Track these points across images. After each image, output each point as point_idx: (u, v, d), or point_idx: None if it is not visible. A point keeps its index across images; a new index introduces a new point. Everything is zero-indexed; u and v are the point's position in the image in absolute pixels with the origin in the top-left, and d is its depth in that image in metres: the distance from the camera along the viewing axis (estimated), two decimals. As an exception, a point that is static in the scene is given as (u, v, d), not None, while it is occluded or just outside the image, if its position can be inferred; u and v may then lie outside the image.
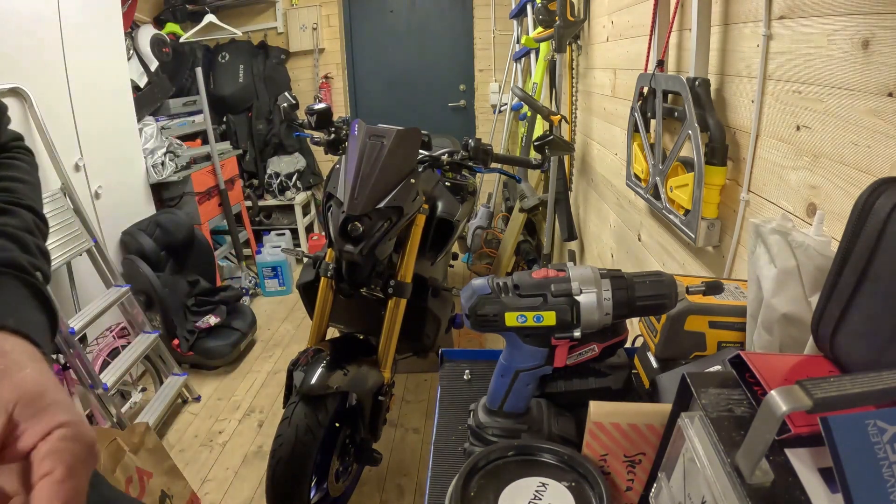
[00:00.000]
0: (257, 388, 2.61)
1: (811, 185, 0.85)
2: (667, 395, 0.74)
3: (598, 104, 2.27)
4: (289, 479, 1.42)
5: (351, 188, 1.46)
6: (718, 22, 1.15)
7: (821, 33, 0.81)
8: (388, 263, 1.65)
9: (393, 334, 1.61)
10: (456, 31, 4.21)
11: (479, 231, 3.51)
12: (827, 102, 0.80)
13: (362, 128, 1.53)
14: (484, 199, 3.94)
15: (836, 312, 0.53)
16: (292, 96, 1.77)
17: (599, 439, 0.63)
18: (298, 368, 1.49)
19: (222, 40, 3.99)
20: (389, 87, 4.39)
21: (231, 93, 3.87)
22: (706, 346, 0.77)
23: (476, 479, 0.60)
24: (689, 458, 0.47)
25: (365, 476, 2.01)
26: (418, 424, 2.31)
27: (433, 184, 1.79)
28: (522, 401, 0.72)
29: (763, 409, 0.37)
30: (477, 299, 0.66)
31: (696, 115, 1.12)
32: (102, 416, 1.91)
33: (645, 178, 1.51)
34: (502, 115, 3.93)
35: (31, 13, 2.06)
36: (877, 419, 0.36)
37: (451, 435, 0.82)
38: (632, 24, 1.76)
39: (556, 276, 0.66)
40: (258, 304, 3.49)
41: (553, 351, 0.68)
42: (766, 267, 0.66)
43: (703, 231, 1.16)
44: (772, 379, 0.47)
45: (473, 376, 0.96)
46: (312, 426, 1.45)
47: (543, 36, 2.65)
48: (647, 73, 1.44)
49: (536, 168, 1.82)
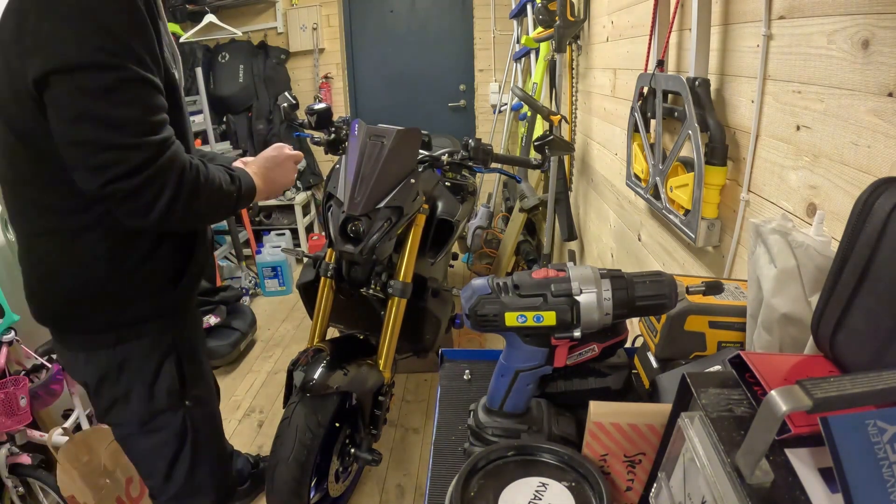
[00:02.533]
0: (257, 388, 2.61)
1: (811, 185, 0.85)
2: (667, 395, 0.74)
3: (598, 104, 2.27)
4: (289, 480, 1.42)
5: (351, 188, 1.46)
6: (718, 22, 1.15)
7: (821, 33, 0.81)
8: (388, 263, 1.65)
9: (393, 334, 1.61)
10: (456, 31, 4.21)
11: (479, 231, 3.51)
12: (827, 102, 0.80)
13: (362, 128, 1.53)
14: (484, 199, 3.94)
15: (836, 312, 0.53)
16: (292, 96, 1.77)
17: (599, 439, 0.63)
18: (298, 368, 1.49)
19: (222, 40, 3.99)
20: (389, 87, 4.38)
21: (231, 93, 3.87)
22: (706, 346, 0.77)
23: (476, 479, 0.60)
24: (689, 458, 0.47)
25: (365, 476, 2.01)
26: (418, 424, 2.31)
27: (433, 184, 1.79)
28: (522, 401, 0.72)
29: (763, 409, 0.37)
30: (477, 299, 0.66)
31: (696, 115, 1.12)
32: (102, 416, 1.91)
33: (645, 178, 1.51)
34: (502, 115, 3.93)
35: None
36: (877, 419, 0.36)
37: (451, 435, 0.82)
38: (632, 24, 1.76)
39: (556, 276, 0.66)
40: (258, 304, 3.49)
41: (553, 351, 0.68)
42: (766, 267, 0.66)
43: (703, 231, 1.16)
44: (772, 379, 0.47)
45: (473, 376, 0.96)
46: (312, 426, 1.45)
47: (543, 36, 2.65)
48: (647, 73, 1.44)
49: (536, 168, 1.82)
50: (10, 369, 1.65)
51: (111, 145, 0.84)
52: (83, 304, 1.05)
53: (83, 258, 1.01)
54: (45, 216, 0.99)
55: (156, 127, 0.89)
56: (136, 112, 0.86)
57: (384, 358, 1.61)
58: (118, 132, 0.85)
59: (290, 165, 1.25)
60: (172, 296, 1.12)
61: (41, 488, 1.68)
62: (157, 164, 0.88)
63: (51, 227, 1.00)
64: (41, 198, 0.98)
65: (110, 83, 0.83)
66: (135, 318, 1.08)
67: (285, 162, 1.23)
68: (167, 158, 0.89)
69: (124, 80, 0.85)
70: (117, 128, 0.85)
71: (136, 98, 0.86)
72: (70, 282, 1.03)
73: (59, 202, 0.97)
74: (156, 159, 0.87)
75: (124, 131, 0.85)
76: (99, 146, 0.84)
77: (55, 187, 0.95)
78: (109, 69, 0.83)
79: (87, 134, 0.84)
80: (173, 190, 0.90)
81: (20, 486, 1.66)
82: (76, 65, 0.82)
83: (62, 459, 1.51)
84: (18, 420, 1.56)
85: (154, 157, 0.87)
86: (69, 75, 0.82)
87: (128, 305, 1.06)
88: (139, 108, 0.87)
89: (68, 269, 1.02)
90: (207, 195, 0.96)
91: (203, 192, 0.95)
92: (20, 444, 1.64)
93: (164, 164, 0.88)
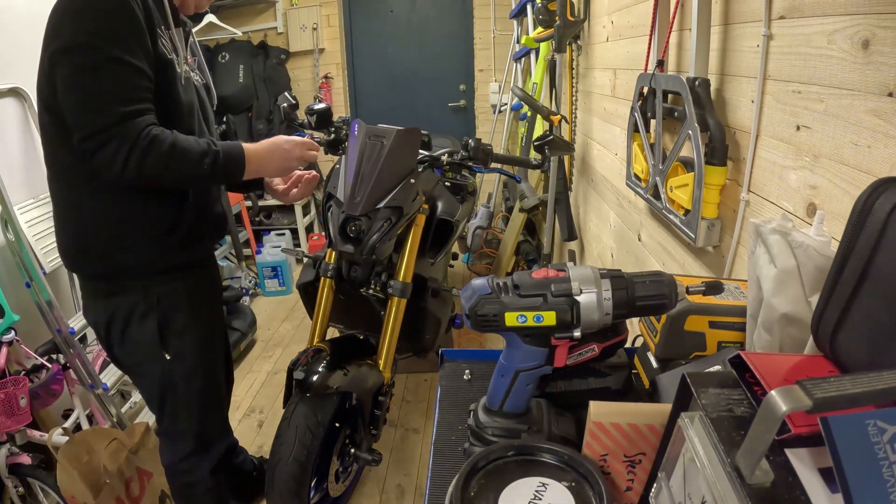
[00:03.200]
0: (257, 388, 2.61)
1: (811, 185, 0.85)
2: (667, 395, 0.74)
3: (598, 104, 2.27)
4: (289, 480, 1.42)
5: (351, 188, 1.46)
6: (718, 22, 1.15)
7: (821, 33, 0.81)
8: (388, 263, 1.65)
9: (393, 334, 1.61)
10: (456, 31, 4.21)
11: (479, 231, 3.51)
12: (827, 102, 0.80)
13: (362, 128, 1.53)
14: (484, 199, 3.94)
15: (836, 312, 0.53)
16: (292, 96, 1.77)
17: (599, 439, 0.63)
18: (298, 368, 1.49)
19: (222, 40, 3.99)
20: (389, 87, 4.38)
21: (231, 93, 3.87)
22: (706, 346, 0.77)
23: (476, 479, 0.60)
24: (689, 458, 0.47)
25: (365, 476, 2.01)
26: (418, 424, 2.31)
27: (433, 184, 1.79)
28: (522, 401, 0.72)
29: (763, 409, 0.37)
30: (477, 299, 0.66)
31: (696, 115, 1.12)
32: (102, 416, 1.91)
33: (645, 178, 1.51)
34: (502, 115, 3.93)
35: (31, 13, 2.06)
36: (877, 419, 0.36)
37: (451, 435, 0.82)
38: (632, 24, 1.76)
39: (556, 276, 0.66)
40: (258, 304, 3.49)
41: (553, 351, 0.68)
42: (766, 267, 0.66)
43: (703, 231, 1.16)
44: (772, 379, 0.47)
45: (473, 376, 0.96)
46: (312, 426, 1.45)
47: (543, 36, 2.65)
48: (647, 73, 1.44)
49: (536, 168, 1.82)
50: (10, 369, 1.65)
51: (86, 109, 1.08)
52: (81, 248, 1.27)
53: (80, 209, 1.24)
54: (63, 175, 1.24)
55: (128, 100, 1.09)
56: (110, 86, 1.08)
57: (384, 358, 1.61)
58: (93, 100, 1.07)
59: (295, 152, 1.37)
60: (158, 253, 1.29)
61: (41, 488, 1.68)
62: (120, 127, 1.08)
63: (64, 182, 1.25)
64: (60, 158, 1.21)
65: (95, 61, 1.06)
66: (121, 268, 1.27)
67: (292, 149, 1.36)
68: (130, 123, 1.09)
69: (108, 60, 1.06)
70: (92, 96, 1.07)
71: (114, 75, 1.08)
72: (70, 228, 1.27)
73: (69, 161, 1.19)
74: (120, 123, 1.08)
75: (98, 100, 1.07)
76: (79, 109, 1.08)
77: (67, 150, 1.16)
78: (95, 50, 1.05)
79: (73, 100, 1.08)
80: (128, 148, 1.09)
81: (20, 486, 1.66)
82: (73, 45, 1.06)
83: (62, 459, 1.51)
84: (18, 420, 1.56)
85: (119, 120, 1.08)
86: (67, 55, 1.06)
87: (116, 254, 1.26)
88: (114, 83, 1.08)
89: (72, 215, 1.26)
90: (163, 158, 1.13)
91: (156, 155, 1.12)
92: (20, 444, 1.64)
93: (125, 126, 1.08)
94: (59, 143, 1.19)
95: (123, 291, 1.30)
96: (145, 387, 1.43)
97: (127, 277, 1.29)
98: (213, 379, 1.50)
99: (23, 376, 1.62)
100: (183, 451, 1.47)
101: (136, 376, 1.43)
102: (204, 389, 1.45)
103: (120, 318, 1.31)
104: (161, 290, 1.31)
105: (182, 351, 1.37)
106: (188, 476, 1.50)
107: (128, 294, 1.30)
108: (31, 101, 2.01)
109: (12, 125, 1.98)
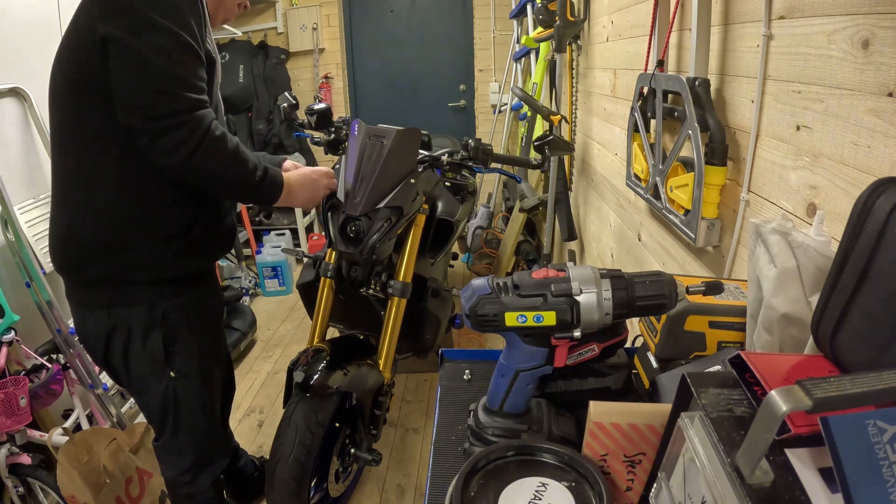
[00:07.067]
0: (257, 388, 2.61)
1: (811, 185, 0.85)
2: (667, 395, 0.74)
3: (598, 104, 2.27)
4: (289, 480, 1.42)
5: (351, 188, 1.46)
6: (718, 22, 1.15)
7: (821, 33, 0.81)
8: (388, 263, 1.65)
9: (393, 334, 1.61)
10: (456, 31, 4.21)
11: (479, 231, 3.51)
12: (827, 102, 0.80)
13: (362, 128, 1.53)
14: (484, 199, 3.94)
15: (836, 312, 0.53)
16: (292, 96, 1.77)
17: (599, 439, 0.63)
18: (298, 368, 1.49)
19: (222, 40, 3.99)
20: (389, 87, 4.38)
21: (231, 93, 3.87)
22: (706, 346, 0.77)
23: (476, 479, 0.60)
24: (689, 458, 0.47)
25: (365, 476, 2.01)
26: (418, 424, 2.31)
27: (433, 184, 1.79)
28: (522, 401, 0.72)
29: (763, 409, 0.37)
30: (477, 299, 0.66)
31: (696, 115, 1.12)
32: (102, 416, 1.91)
33: (645, 178, 1.51)
34: (502, 115, 3.93)
35: (31, 13, 2.06)
36: (877, 419, 0.36)
37: (451, 435, 0.82)
38: (632, 24, 1.76)
39: (556, 276, 0.66)
40: (258, 304, 3.49)
41: (553, 351, 0.68)
42: (766, 267, 0.66)
43: (703, 231, 1.16)
44: (772, 379, 0.47)
45: (473, 376, 0.96)
46: (312, 426, 1.45)
47: (543, 36, 2.65)
48: (647, 73, 1.44)
49: (536, 168, 1.82)
50: (10, 369, 1.65)
51: (163, 90, 1.05)
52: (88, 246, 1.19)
53: (95, 205, 1.17)
54: (84, 167, 1.16)
55: (196, 89, 1.10)
56: (184, 71, 1.08)
57: (384, 358, 1.61)
58: (171, 82, 1.06)
59: (322, 182, 1.41)
60: (167, 258, 1.23)
61: (41, 488, 1.68)
62: (192, 115, 1.07)
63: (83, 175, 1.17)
64: (84, 149, 1.15)
65: (171, 44, 1.05)
66: (128, 270, 1.20)
67: (319, 178, 1.40)
68: (201, 114, 1.09)
69: (181, 45, 1.06)
70: (165, 78, 1.06)
71: (187, 60, 1.08)
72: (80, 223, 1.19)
73: (94, 152, 1.14)
74: (192, 111, 1.08)
75: (171, 83, 1.06)
76: (148, 89, 1.05)
77: (95, 140, 1.13)
78: (171, 33, 1.05)
79: (141, 80, 1.04)
80: (199, 138, 1.08)
81: (20, 486, 1.66)
82: (147, 24, 1.03)
83: (62, 459, 1.51)
84: (18, 420, 1.56)
85: (191, 108, 1.08)
86: (135, 33, 1.03)
87: (124, 254, 1.19)
88: (188, 69, 1.08)
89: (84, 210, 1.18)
90: (226, 157, 1.14)
91: (221, 152, 1.13)
92: (20, 444, 1.64)
93: (197, 116, 1.09)
94: (87, 132, 1.13)
95: (127, 302, 1.23)
96: (145, 402, 1.37)
97: (132, 285, 1.22)
98: (216, 396, 1.47)
99: (23, 376, 1.62)
100: (184, 466, 1.44)
101: (137, 392, 1.37)
102: (207, 407, 1.42)
103: (123, 330, 1.24)
104: (167, 305, 1.26)
105: (187, 369, 1.32)
106: (190, 487, 1.47)
107: (132, 306, 1.23)
108: (32, 101, 2.00)
109: (12, 125, 1.97)
